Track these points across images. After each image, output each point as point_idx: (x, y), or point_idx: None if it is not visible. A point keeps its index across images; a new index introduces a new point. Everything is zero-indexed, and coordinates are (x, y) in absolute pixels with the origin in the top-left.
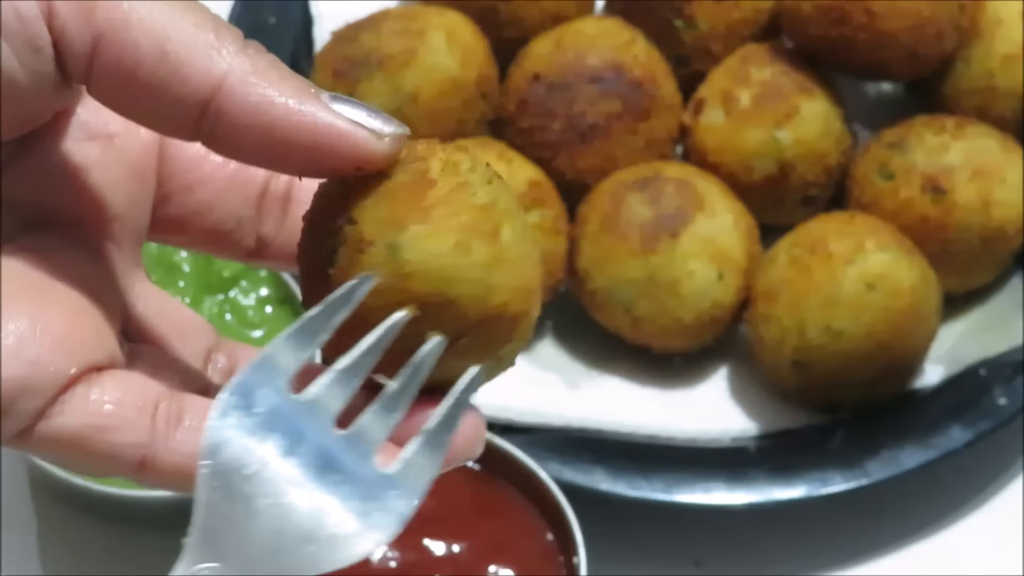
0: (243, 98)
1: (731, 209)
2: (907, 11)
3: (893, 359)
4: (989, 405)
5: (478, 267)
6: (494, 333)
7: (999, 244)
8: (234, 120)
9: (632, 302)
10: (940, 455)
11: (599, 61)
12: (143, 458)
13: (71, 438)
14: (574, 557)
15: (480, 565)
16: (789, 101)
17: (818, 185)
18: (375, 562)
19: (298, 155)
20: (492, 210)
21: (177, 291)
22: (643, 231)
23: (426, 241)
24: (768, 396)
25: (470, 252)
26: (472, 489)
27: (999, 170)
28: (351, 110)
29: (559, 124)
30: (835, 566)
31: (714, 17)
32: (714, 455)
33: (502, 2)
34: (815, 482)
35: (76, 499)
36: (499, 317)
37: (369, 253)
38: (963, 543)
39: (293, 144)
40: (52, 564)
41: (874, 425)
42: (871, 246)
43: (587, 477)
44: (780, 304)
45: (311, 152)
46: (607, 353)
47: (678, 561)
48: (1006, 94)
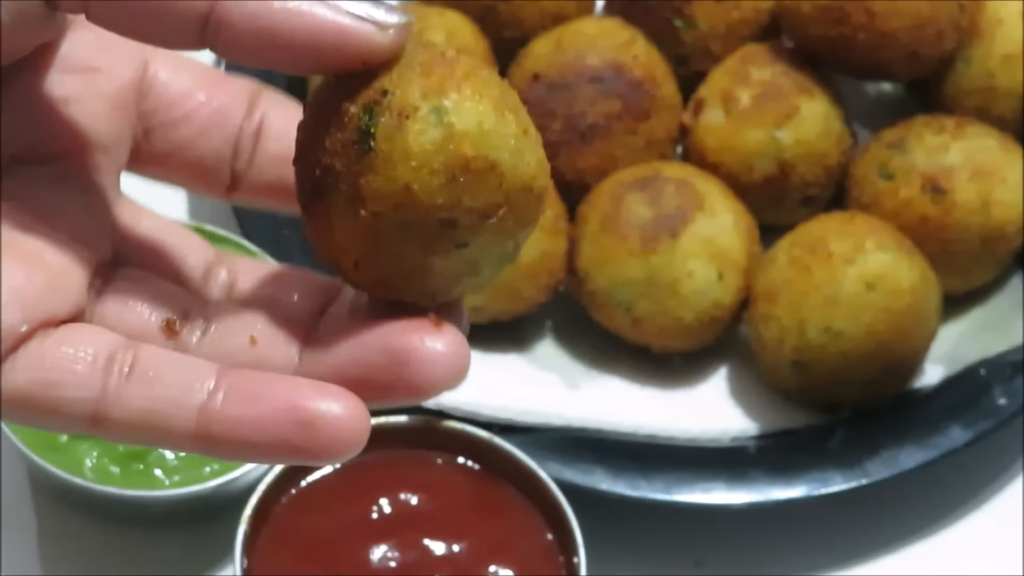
0: (241, 7)
1: (731, 209)
2: (907, 11)
3: (893, 359)
4: (989, 405)
5: (514, 136)
6: (525, 207)
7: (999, 244)
8: (236, 28)
9: (632, 302)
10: (940, 455)
11: (599, 61)
12: (94, 413)
13: (21, 396)
14: (574, 557)
15: (480, 565)
16: (789, 101)
17: (818, 185)
18: (375, 562)
19: (305, 55)
20: (509, 89)
21: None
22: (643, 231)
23: (470, 106)
24: (768, 396)
25: (507, 121)
26: (472, 489)
27: (999, 170)
28: (354, 4)
29: (559, 124)
30: (835, 566)
31: (714, 17)
32: (714, 455)
33: (502, 2)
34: (815, 482)
35: (76, 499)
36: (530, 189)
37: (415, 118)
38: (963, 543)
39: (298, 45)
40: (52, 564)
41: (874, 425)
42: (871, 246)
43: (587, 477)
44: (780, 304)
45: (317, 51)
46: (607, 353)
47: (678, 561)
48: (1006, 94)
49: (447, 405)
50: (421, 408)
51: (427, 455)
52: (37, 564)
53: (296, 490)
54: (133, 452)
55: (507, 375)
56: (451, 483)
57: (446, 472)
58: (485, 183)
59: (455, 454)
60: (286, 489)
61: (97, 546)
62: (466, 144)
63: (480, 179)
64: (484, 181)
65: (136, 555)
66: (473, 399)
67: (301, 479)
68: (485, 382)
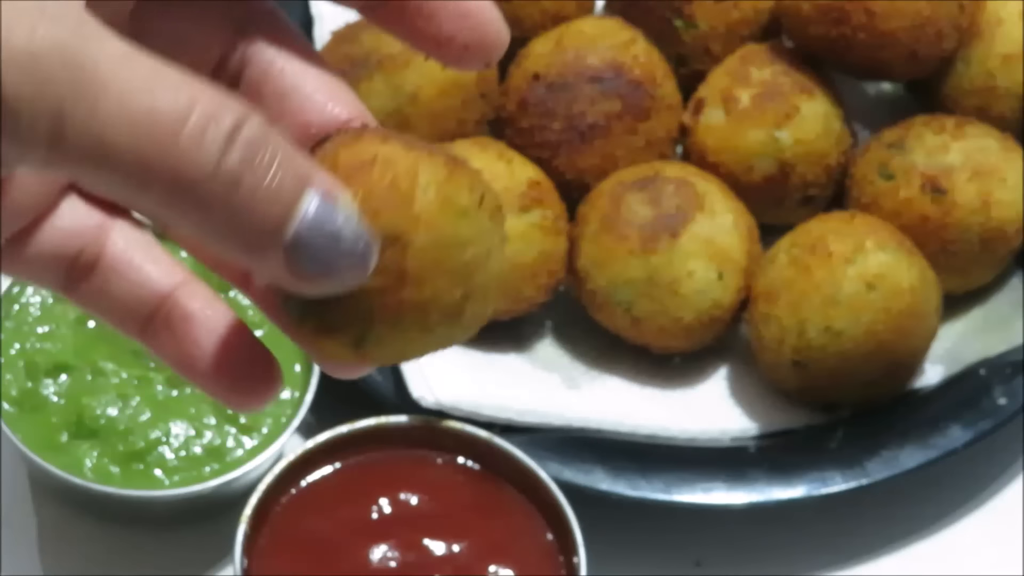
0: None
1: (731, 209)
2: (907, 11)
3: (893, 359)
4: (989, 405)
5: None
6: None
7: (999, 244)
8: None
9: (632, 302)
10: (940, 455)
11: (599, 61)
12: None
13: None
14: (574, 557)
15: (480, 565)
16: (789, 101)
17: (818, 185)
18: (375, 562)
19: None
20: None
21: None
22: (643, 231)
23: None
24: (768, 396)
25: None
26: (472, 489)
27: (999, 170)
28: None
29: (559, 124)
30: (835, 566)
31: (714, 17)
32: (714, 455)
33: (502, 2)
34: (815, 482)
35: (76, 499)
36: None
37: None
38: (963, 543)
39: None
40: (52, 564)
41: (874, 425)
42: (871, 246)
43: (587, 477)
44: (780, 304)
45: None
46: (607, 353)
47: (678, 561)
48: (1006, 94)
49: (447, 405)
50: (421, 408)
51: (427, 455)
52: (37, 564)
53: (296, 490)
54: (133, 452)
55: (507, 375)
56: (451, 483)
57: (446, 472)
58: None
59: (455, 454)
60: (286, 489)
61: (97, 546)
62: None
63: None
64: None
65: (136, 555)
66: (473, 399)
67: (301, 479)
68: (485, 382)
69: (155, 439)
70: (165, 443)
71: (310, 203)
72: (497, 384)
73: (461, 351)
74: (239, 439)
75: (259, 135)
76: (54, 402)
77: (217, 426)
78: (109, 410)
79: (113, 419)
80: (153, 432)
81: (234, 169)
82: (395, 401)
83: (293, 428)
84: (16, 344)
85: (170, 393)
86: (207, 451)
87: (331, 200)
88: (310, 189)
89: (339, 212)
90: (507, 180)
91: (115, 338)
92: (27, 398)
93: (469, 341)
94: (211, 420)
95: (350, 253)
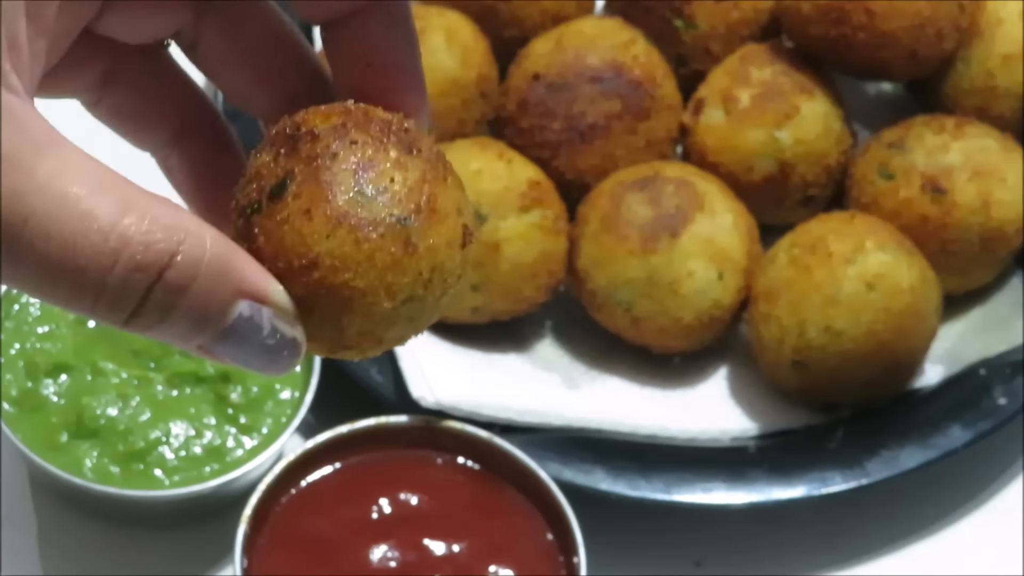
0: None
1: (731, 209)
2: (907, 11)
3: (893, 359)
4: (989, 405)
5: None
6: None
7: (999, 244)
8: None
9: (632, 302)
10: (940, 455)
11: (599, 61)
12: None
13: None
14: (574, 557)
15: (480, 565)
16: (789, 101)
17: (818, 185)
18: (375, 562)
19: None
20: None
21: None
22: (643, 231)
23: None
24: (768, 396)
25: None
26: (472, 489)
27: (999, 170)
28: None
29: (559, 124)
30: (835, 566)
31: (714, 17)
32: (714, 455)
33: (502, 2)
34: (815, 482)
35: (76, 499)
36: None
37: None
38: (963, 543)
39: None
40: (52, 564)
41: (874, 425)
42: (871, 246)
43: (587, 477)
44: (780, 304)
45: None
46: (607, 353)
47: (678, 561)
48: (1006, 94)
49: (447, 405)
50: (421, 408)
51: (427, 455)
52: (37, 564)
53: (296, 490)
54: (133, 452)
55: (507, 375)
56: (451, 483)
57: (446, 472)
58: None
59: (455, 454)
60: (286, 489)
61: (97, 546)
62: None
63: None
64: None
65: (136, 555)
66: (473, 399)
67: (301, 479)
68: (485, 382)
69: (155, 439)
70: (165, 443)
71: (237, 316)
72: (497, 384)
73: (461, 351)
74: (239, 439)
75: (184, 274)
76: (54, 402)
77: (217, 426)
78: (109, 410)
79: (113, 419)
80: (153, 432)
81: (150, 318)
82: (395, 401)
83: (293, 428)
84: (16, 344)
85: (170, 393)
86: (207, 451)
87: (260, 305)
88: (237, 303)
89: (265, 318)
90: (507, 180)
91: (115, 338)
92: (27, 398)
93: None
94: (211, 420)
95: (274, 356)
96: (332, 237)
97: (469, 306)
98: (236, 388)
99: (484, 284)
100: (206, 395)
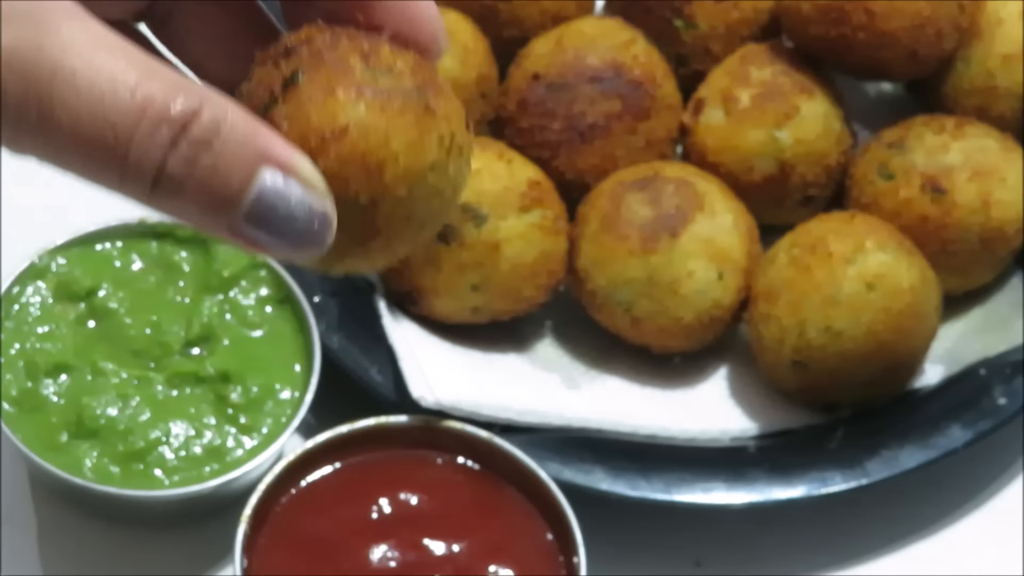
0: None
1: (731, 209)
2: (907, 11)
3: (893, 359)
4: (989, 405)
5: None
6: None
7: (999, 244)
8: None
9: (632, 302)
10: (940, 455)
11: (599, 61)
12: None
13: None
14: (574, 557)
15: (480, 565)
16: (789, 101)
17: (818, 185)
18: (375, 562)
19: None
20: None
21: (177, 291)
22: (643, 231)
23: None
24: (768, 396)
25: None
26: (472, 489)
27: (999, 170)
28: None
29: (559, 124)
30: (835, 566)
31: (714, 17)
32: (714, 455)
33: (502, 2)
34: (815, 482)
35: (76, 499)
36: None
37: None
38: (963, 543)
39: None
40: (52, 564)
41: (874, 425)
42: (871, 246)
43: (587, 477)
44: (780, 304)
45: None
46: (607, 353)
47: (678, 561)
48: (1006, 94)
49: (447, 405)
50: (421, 408)
51: (427, 455)
52: (37, 564)
53: (296, 490)
54: (133, 452)
55: (507, 375)
56: (451, 483)
57: (446, 472)
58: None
59: (455, 454)
60: (286, 489)
61: (97, 546)
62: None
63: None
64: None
65: (136, 555)
66: (473, 399)
67: (301, 479)
68: (485, 382)
69: (155, 439)
70: (165, 443)
71: (262, 184)
72: (497, 384)
73: (461, 351)
74: (239, 439)
75: (208, 129)
76: (54, 402)
77: (217, 426)
78: (109, 410)
79: (113, 419)
80: (153, 432)
81: (177, 173)
82: (395, 401)
83: (293, 428)
84: (16, 344)
85: (170, 393)
86: (207, 451)
87: (287, 176)
88: (262, 170)
89: (294, 189)
90: (507, 180)
91: (115, 338)
92: (27, 398)
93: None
94: (211, 420)
95: (305, 231)
96: (357, 105)
97: (469, 306)
98: (236, 388)
99: (484, 284)
100: (206, 395)
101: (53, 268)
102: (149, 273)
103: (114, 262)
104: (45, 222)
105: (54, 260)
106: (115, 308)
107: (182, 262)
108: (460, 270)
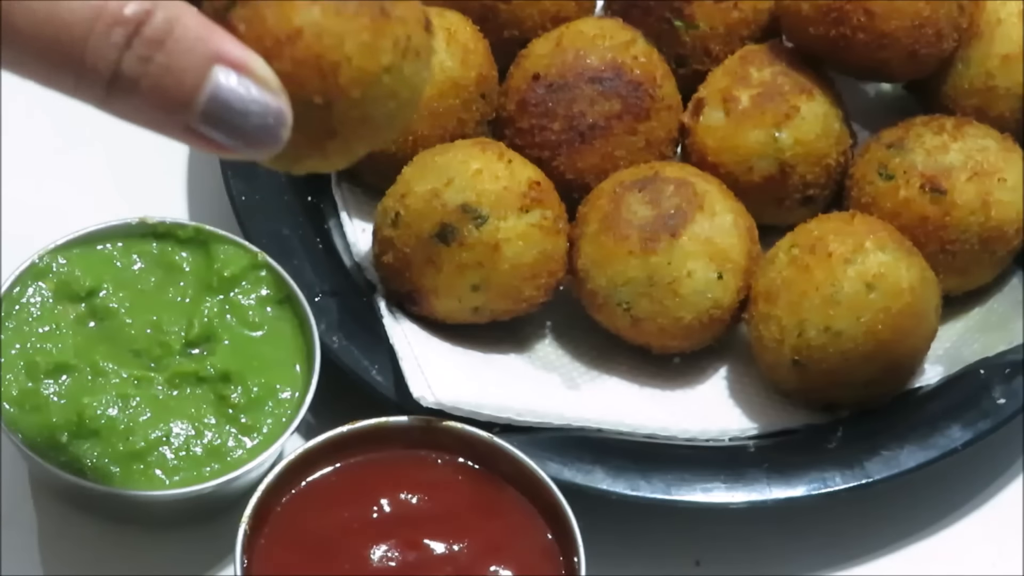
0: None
1: (731, 209)
2: (907, 11)
3: (892, 359)
4: (989, 405)
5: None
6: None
7: (998, 244)
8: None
9: (632, 302)
10: (940, 455)
11: (599, 61)
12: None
13: None
14: (574, 557)
15: (480, 565)
16: (789, 101)
17: (818, 185)
18: (375, 561)
19: None
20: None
21: (177, 291)
22: (643, 231)
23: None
24: (768, 396)
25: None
26: (472, 489)
27: (998, 170)
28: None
29: (559, 124)
30: (835, 566)
31: (714, 17)
32: (713, 455)
33: (502, 2)
34: (815, 482)
35: (76, 499)
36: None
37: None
38: (963, 543)
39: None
40: (52, 564)
41: (874, 425)
42: (871, 246)
43: (587, 477)
44: (780, 304)
45: None
46: (607, 353)
47: (678, 561)
48: (1006, 94)
49: (447, 405)
50: (421, 408)
51: (427, 455)
52: (37, 564)
53: (296, 490)
54: (133, 452)
55: (507, 375)
56: (451, 483)
57: (446, 472)
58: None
59: (455, 454)
60: (286, 489)
61: (97, 546)
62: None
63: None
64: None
65: (136, 555)
66: (473, 399)
67: (301, 479)
68: (485, 382)
69: (155, 439)
70: (166, 443)
71: (216, 83)
72: (497, 384)
73: (461, 351)
74: (239, 439)
75: (160, 29)
76: (54, 402)
77: (217, 426)
78: (109, 410)
79: (113, 419)
80: (153, 432)
81: (131, 73)
82: (395, 401)
83: (293, 428)
84: (16, 344)
85: (170, 393)
86: (207, 451)
87: (241, 75)
88: (216, 69)
89: (248, 87)
90: (507, 180)
91: (116, 338)
92: (27, 398)
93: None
94: (211, 420)
95: (259, 127)
96: (312, 8)
97: (469, 306)
98: (236, 388)
99: (484, 284)
100: (206, 395)
101: (54, 268)
102: (150, 273)
103: (115, 262)
104: (45, 222)
105: (54, 260)
106: (115, 308)
107: (182, 262)
108: (460, 270)
